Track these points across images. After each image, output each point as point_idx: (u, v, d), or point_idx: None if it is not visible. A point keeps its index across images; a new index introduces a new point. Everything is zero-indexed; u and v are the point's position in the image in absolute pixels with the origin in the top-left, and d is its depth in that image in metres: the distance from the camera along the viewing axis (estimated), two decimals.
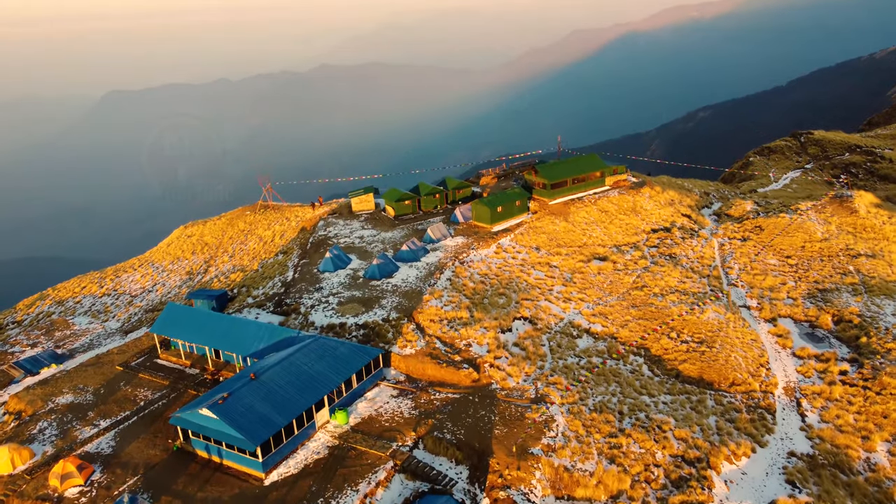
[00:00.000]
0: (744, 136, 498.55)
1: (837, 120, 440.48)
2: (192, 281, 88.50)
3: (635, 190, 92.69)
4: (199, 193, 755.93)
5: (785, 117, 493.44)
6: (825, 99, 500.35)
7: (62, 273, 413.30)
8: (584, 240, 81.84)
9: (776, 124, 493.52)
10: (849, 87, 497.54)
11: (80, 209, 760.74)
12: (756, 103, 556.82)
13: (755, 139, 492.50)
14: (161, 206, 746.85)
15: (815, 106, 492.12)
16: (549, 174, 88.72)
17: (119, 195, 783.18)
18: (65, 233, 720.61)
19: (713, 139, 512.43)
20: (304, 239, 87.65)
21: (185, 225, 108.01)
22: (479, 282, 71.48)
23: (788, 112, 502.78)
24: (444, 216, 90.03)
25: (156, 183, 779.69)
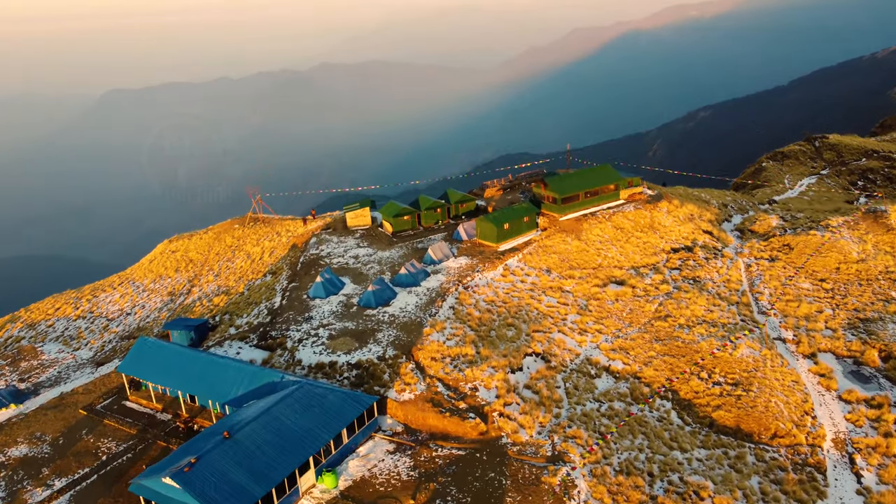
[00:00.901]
0: (745, 135, 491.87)
1: (839, 119, 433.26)
2: (173, 303, 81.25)
3: (652, 204, 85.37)
4: (199, 193, 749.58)
5: (786, 117, 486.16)
6: (826, 99, 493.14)
7: (62, 272, 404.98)
8: (599, 261, 74.57)
9: (777, 124, 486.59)
10: (850, 87, 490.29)
11: (80, 208, 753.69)
12: (757, 103, 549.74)
13: (756, 139, 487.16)
14: (161, 206, 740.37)
15: (816, 106, 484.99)
16: (559, 187, 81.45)
17: (119, 194, 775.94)
18: (64, 231, 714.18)
19: (714, 139, 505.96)
20: (295, 258, 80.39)
21: (169, 239, 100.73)
22: (485, 310, 64.25)
23: (789, 112, 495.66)
24: (446, 232, 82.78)
25: (155, 182, 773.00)
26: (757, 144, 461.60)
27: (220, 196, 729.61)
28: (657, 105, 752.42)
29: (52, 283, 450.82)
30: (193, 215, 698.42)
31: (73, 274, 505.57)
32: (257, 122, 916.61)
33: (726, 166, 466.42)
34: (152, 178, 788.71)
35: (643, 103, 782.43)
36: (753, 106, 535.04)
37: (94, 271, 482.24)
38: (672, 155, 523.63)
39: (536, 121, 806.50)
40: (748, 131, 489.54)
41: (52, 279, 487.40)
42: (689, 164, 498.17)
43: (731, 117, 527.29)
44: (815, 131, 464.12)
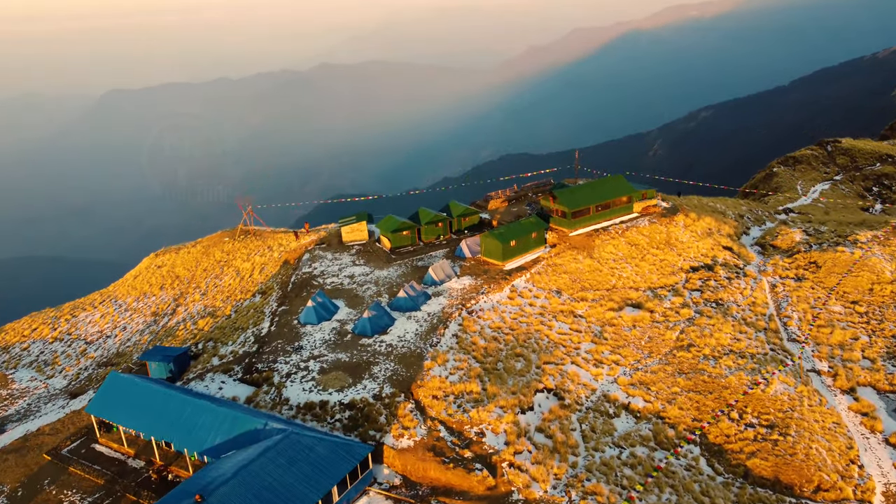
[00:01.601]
0: (746, 136, 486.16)
1: (840, 120, 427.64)
2: (156, 325, 75.50)
3: (668, 218, 79.60)
4: (200, 193, 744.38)
5: (787, 117, 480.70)
6: (827, 99, 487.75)
7: (63, 273, 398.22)
8: (613, 281, 68.81)
9: (778, 124, 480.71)
10: (851, 87, 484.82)
11: (80, 208, 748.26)
12: (758, 103, 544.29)
13: (757, 139, 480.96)
14: (161, 206, 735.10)
15: (817, 106, 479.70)
16: (569, 201, 75.68)
17: (119, 194, 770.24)
18: (65, 232, 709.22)
19: (715, 139, 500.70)
20: (286, 276, 74.61)
21: (156, 252, 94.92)
22: (491, 338, 58.54)
23: (791, 112, 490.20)
24: (447, 248, 77.02)
25: (156, 182, 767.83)
26: (758, 145, 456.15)
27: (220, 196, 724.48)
28: (658, 105, 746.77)
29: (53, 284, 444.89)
30: (194, 215, 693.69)
31: (73, 274, 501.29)
32: (257, 122, 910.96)
33: (728, 167, 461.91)
34: (152, 178, 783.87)
35: (644, 103, 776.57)
36: (754, 106, 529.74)
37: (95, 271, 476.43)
38: (673, 155, 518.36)
39: (537, 121, 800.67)
40: (749, 132, 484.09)
41: (52, 280, 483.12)
42: (689, 165, 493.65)
43: (732, 117, 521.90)
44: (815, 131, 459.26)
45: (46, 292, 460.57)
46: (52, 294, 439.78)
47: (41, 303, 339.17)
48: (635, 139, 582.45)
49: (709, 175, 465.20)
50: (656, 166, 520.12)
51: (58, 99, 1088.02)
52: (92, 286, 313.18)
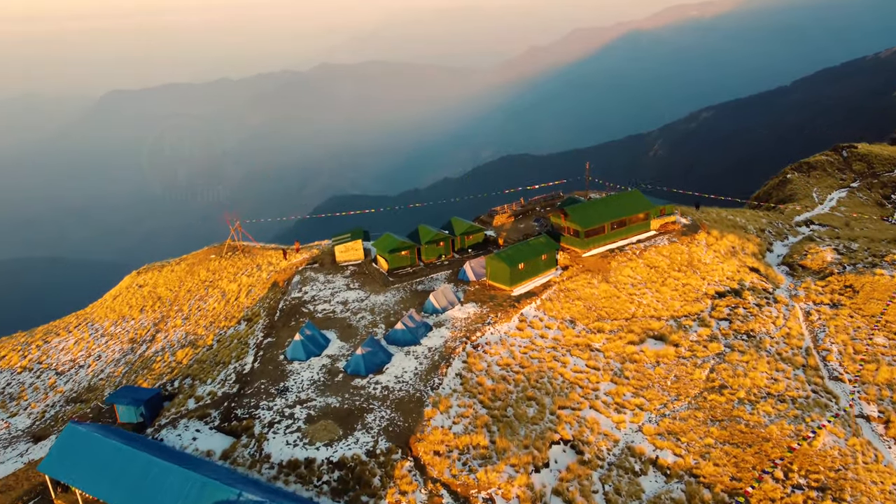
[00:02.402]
0: (747, 136, 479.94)
1: (842, 120, 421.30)
2: (133, 353, 68.92)
3: (688, 236, 72.97)
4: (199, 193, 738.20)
5: (789, 118, 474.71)
6: (829, 99, 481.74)
7: (62, 273, 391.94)
8: (633, 309, 62.20)
9: (780, 125, 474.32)
10: (853, 88, 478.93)
11: (80, 209, 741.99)
12: (759, 103, 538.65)
13: (759, 139, 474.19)
14: (161, 206, 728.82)
15: (819, 106, 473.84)
16: (582, 218, 69.05)
17: (119, 195, 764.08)
18: (64, 233, 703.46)
19: (717, 140, 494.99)
20: (274, 301, 68.02)
21: (138, 270, 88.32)
22: (499, 378, 52.02)
23: (792, 112, 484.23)
24: (450, 270, 70.41)
25: (155, 183, 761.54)
26: (760, 145, 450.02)
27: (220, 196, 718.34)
28: (658, 105, 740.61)
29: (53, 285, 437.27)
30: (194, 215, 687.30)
31: (73, 275, 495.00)
32: (257, 122, 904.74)
33: (730, 167, 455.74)
34: (152, 179, 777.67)
35: (644, 104, 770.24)
36: (756, 106, 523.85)
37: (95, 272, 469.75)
38: (673, 155, 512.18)
39: (537, 121, 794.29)
40: (751, 132, 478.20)
41: (52, 280, 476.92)
42: (690, 165, 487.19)
43: (734, 118, 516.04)
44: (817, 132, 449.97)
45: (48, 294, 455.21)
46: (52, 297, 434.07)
47: (40, 304, 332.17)
48: (636, 140, 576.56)
49: (710, 175, 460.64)
50: (657, 166, 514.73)
51: (58, 99, 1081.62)
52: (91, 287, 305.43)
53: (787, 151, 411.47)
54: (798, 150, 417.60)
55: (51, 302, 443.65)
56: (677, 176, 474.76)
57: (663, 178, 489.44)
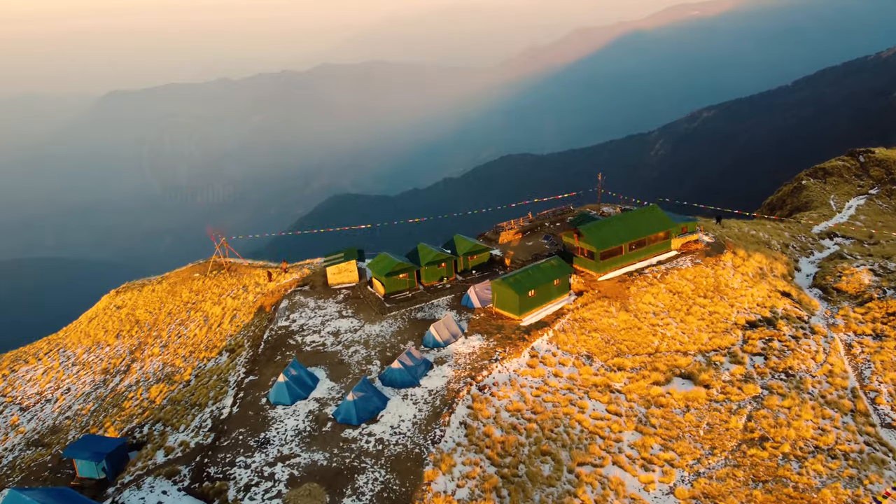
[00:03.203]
0: (748, 136, 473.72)
1: (844, 120, 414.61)
2: (104, 387, 62.34)
3: (713, 257, 66.24)
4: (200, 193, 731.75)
5: (790, 117, 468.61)
6: (831, 99, 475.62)
7: (63, 273, 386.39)
8: (656, 342, 55.58)
9: (781, 125, 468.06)
10: (855, 87, 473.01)
11: (80, 209, 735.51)
12: (761, 103, 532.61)
13: (760, 139, 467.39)
14: (161, 205, 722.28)
15: (820, 106, 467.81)
16: (596, 238, 62.36)
17: (120, 195, 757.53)
18: (65, 233, 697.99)
19: (718, 139, 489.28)
20: (259, 329, 61.41)
21: (117, 289, 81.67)
22: (508, 427, 45.45)
23: (794, 112, 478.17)
24: (452, 295, 63.73)
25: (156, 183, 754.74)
26: (761, 145, 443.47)
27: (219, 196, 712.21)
28: (659, 105, 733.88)
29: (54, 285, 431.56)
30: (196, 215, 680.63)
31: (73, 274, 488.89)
32: (258, 122, 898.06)
33: (731, 167, 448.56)
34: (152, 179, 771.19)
35: (645, 103, 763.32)
36: (757, 106, 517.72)
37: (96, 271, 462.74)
38: (675, 155, 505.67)
39: (538, 120, 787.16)
40: (752, 131, 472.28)
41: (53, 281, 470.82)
42: (691, 165, 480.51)
43: (735, 117, 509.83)
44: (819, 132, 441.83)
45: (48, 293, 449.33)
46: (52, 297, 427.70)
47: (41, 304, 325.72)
48: (637, 139, 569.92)
49: (711, 175, 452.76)
50: (658, 166, 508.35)
51: (59, 99, 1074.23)
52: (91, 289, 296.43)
53: (789, 151, 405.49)
54: (800, 150, 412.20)
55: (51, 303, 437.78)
56: (679, 175, 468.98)
57: (665, 177, 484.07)
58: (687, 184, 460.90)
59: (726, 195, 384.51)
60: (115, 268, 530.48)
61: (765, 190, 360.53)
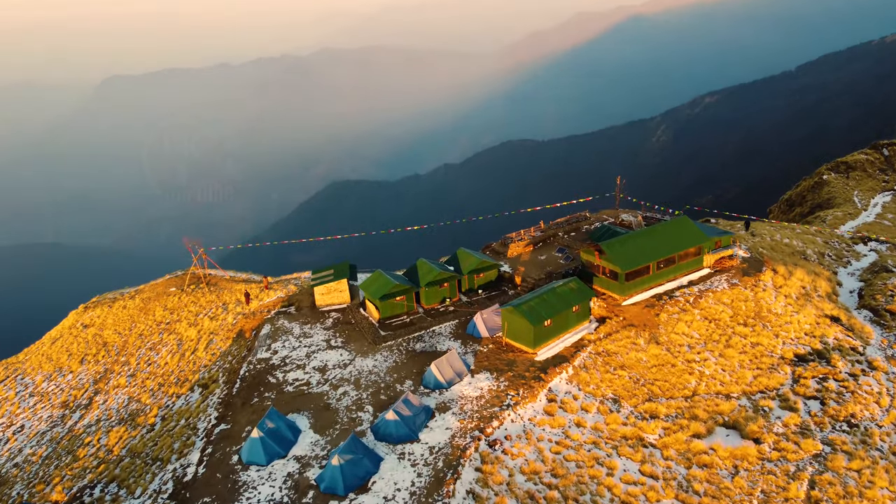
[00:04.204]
0: (751, 122, 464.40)
1: (848, 106, 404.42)
2: (61, 426, 54.31)
3: (752, 277, 57.78)
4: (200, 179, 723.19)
5: (794, 103, 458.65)
6: (835, 84, 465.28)
7: (63, 259, 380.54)
8: (693, 381, 47.38)
9: (785, 110, 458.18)
10: (859, 72, 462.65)
11: (80, 196, 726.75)
12: (764, 88, 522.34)
13: (763, 125, 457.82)
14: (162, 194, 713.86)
15: (824, 92, 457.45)
16: (621, 257, 53.95)
17: (119, 182, 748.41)
18: (64, 219, 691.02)
19: (720, 125, 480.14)
20: (237, 360, 53.24)
21: (85, 304, 73.42)
22: (525, 497, 37.37)
23: (797, 97, 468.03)
24: (456, 320, 55.46)
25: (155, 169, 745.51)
26: (764, 131, 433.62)
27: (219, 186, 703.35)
28: (661, 91, 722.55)
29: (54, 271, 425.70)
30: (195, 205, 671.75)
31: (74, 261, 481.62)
32: (257, 108, 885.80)
33: (734, 153, 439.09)
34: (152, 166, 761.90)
35: (646, 89, 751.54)
36: (760, 92, 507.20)
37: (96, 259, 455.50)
38: (677, 141, 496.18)
39: (538, 106, 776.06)
40: (755, 117, 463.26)
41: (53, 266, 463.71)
42: (694, 151, 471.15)
43: (738, 103, 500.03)
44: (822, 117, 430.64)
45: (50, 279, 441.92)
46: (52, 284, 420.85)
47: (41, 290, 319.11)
48: (638, 125, 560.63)
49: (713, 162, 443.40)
50: (660, 153, 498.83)
51: (57, 85, 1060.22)
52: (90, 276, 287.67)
53: (792, 137, 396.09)
54: (803, 137, 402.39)
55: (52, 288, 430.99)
56: (680, 162, 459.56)
57: (667, 164, 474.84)
58: (688, 170, 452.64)
59: (729, 182, 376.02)
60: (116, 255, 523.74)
61: (768, 177, 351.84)
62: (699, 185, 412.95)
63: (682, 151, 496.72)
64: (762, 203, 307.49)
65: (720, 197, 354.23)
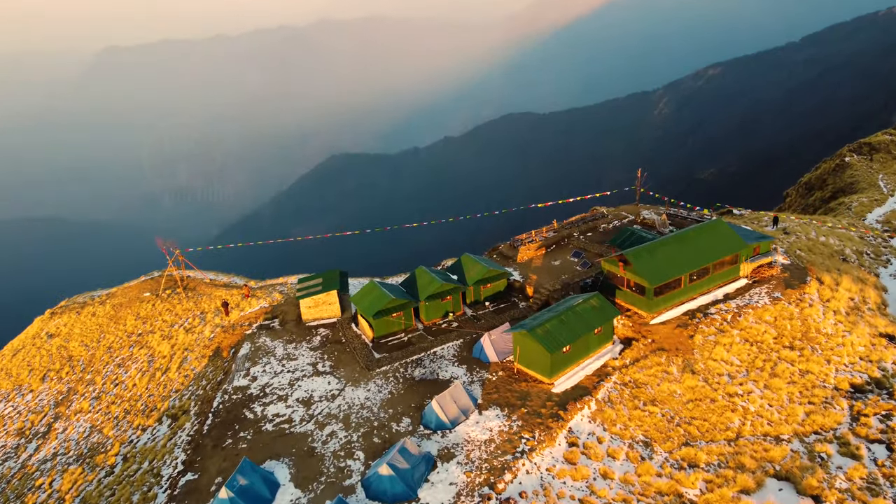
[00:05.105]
0: (756, 94, 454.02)
1: (853, 78, 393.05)
2: (13, 459, 47.56)
3: (796, 289, 50.41)
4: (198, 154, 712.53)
5: (797, 75, 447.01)
6: (840, 55, 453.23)
7: (62, 233, 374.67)
8: (736, 420, 40.38)
9: (789, 82, 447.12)
10: (865, 43, 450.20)
11: (78, 169, 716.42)
12: (768, 60, 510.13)
13: (767, 98, 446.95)
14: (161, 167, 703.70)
15: (829, 63, 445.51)
16: (649, 269, 46.56)
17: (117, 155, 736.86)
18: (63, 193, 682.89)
19: (724, 98, 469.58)
20: (212, 387, 46.26)
21: (52, 310, 66.27)
22: None
23: (801, 69, 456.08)
24: (461, 340, 48.34)
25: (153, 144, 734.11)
26: (767, 103, 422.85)
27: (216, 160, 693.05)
28: (663, 62, 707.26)
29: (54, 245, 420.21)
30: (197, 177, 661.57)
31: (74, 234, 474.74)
32: (255, 80, 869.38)
33: (737, 126, 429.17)
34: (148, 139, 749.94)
35: (648, 60, 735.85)
36: (765, 63, 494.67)
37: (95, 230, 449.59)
38: (679, 114, 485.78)
39: (539, 78, 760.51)
40: (759, 90, 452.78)
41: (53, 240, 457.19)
42: (697, 124, 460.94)
43: (741, 75, 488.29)
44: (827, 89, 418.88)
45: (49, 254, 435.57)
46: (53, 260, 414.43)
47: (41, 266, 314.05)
48: (640, 97, 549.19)
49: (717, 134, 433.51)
50: (662, 125, 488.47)
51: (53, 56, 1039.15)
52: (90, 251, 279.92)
53: (796, 110, 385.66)
54: (808, 109, 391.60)
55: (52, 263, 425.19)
56: (682, 134, 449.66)
57: (669, 137, 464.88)
58: (691, 143, 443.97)
59: (732, 154, 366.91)
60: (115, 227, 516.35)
61: (769, 150, 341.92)
62: (701, 158, 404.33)
63: (684, 124, 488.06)
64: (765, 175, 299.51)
65: (723, 171, 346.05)
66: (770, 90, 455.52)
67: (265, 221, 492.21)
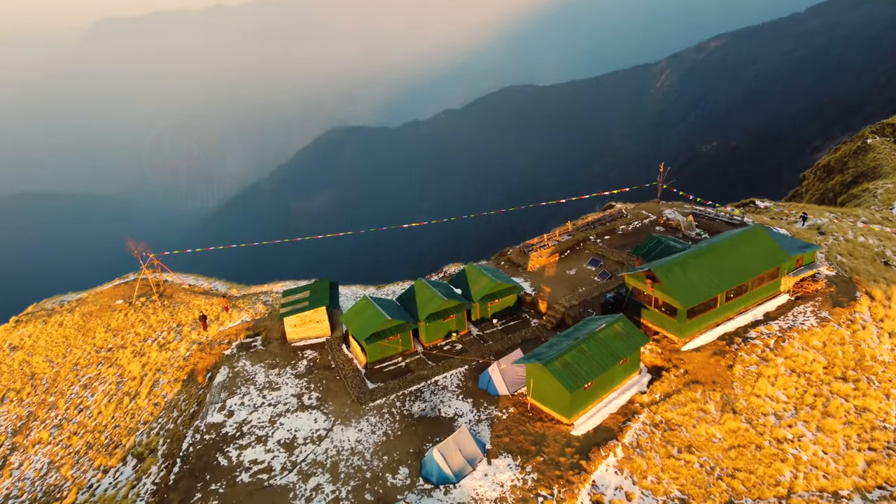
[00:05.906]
0: (759, 66, 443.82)
1: (859, 49, 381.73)
2: None
3: (845, 308, 43.89)
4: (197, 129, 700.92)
5: (803, 46, 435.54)
6: (845, 27, 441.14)
7: (62, 207, 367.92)
8: (786, 473, 34.29)
9: (793, 54, 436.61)
10: (871, 15, 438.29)
11: (77, 143, 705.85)
12: (772, 31, 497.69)
13: (771, 70, 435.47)
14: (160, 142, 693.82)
15: (834, 34, 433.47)
16: (682, 288, 40.00)
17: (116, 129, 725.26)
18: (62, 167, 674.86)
19: (727, 69, 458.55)
20: (183, 421, 40.18)
21: (18, 317, 59.85)
22: None
23: (806, 40, 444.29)
24: (465, 367, 42.08)
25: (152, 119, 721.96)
26: (772, 75, 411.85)
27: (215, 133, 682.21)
28: (665, 34, 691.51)
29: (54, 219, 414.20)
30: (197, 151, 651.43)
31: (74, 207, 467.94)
32: (254, 52, 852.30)
33: (740, 98, 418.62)
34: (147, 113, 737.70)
35: (650, 32, 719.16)
36: (769, 34, 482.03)
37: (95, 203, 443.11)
38: (682, 86, 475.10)
39: (540, 50, 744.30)
40: (762, 62, 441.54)
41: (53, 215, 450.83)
42: (699, 96, 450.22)
43: (745, 47, 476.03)
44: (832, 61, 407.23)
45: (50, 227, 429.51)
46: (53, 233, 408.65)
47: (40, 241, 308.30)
48: (642, 70, 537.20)
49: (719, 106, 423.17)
50: (664, 99, 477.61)
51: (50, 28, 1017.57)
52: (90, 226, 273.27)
53: (801, 82, 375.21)
54: (812, 81, 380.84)
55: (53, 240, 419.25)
56: (684, 107, 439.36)
57: (671, 110, 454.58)
58: (692, 116, 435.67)
59: (733, 128, 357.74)
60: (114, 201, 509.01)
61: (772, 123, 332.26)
62: (704, 132, 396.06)
63: (686, 96, 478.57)
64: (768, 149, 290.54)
65: (725, 144, 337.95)
66: (774, 62, 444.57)
67: (265, 195, 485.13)
